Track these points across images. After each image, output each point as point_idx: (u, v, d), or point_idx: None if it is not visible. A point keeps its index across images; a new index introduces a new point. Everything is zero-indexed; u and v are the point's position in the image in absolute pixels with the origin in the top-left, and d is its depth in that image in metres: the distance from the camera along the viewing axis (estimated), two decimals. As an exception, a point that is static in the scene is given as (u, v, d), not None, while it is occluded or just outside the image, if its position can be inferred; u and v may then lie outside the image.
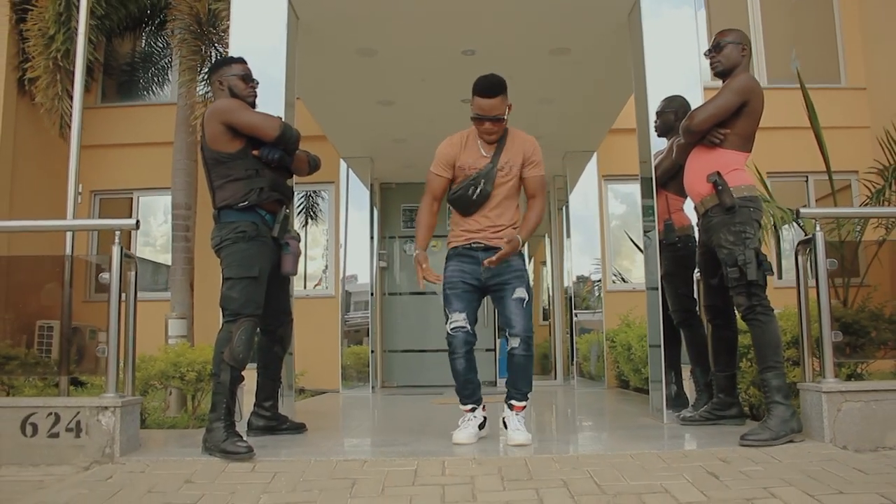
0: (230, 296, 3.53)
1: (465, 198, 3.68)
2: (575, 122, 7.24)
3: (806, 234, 5.42)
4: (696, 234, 4.45)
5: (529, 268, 9.95)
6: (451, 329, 3.61)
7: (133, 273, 3.72)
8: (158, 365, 4.38)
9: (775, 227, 5.60)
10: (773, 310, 3.55)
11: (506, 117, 3.67)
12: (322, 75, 6.09)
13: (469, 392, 3.69)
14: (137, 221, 3.57)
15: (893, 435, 3.29)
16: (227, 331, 3.49)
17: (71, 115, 7.56)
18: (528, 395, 3.70)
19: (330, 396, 7.44)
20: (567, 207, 8.65)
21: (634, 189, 9.36)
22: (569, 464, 3.05)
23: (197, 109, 7.32)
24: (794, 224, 5.87)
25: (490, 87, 3.61)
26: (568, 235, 8.59)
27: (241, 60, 3.92)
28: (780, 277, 8.09)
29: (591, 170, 8.45)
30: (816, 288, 3.55)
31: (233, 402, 3.46)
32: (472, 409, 3.70)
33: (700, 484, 2.69)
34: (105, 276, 3.53)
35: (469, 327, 3.61)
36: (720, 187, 3.63)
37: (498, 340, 8.71)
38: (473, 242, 3.69)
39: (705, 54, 3.91)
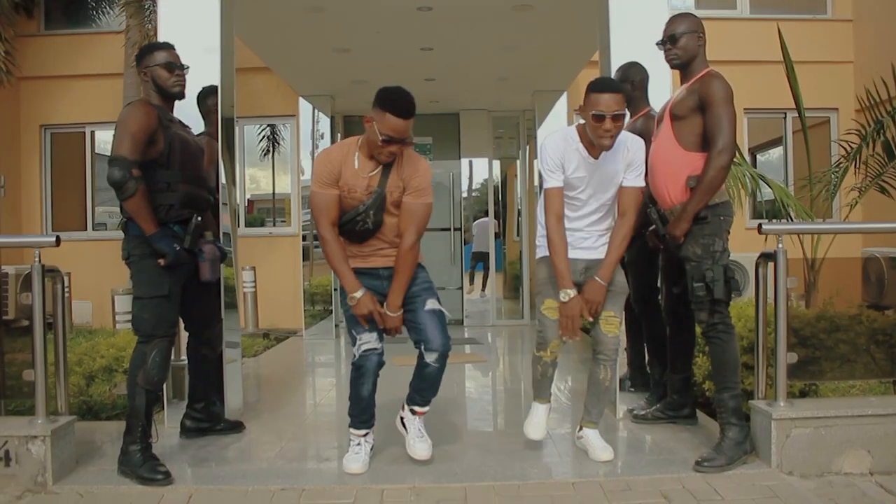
0: (141, 317, 3.34)
1: (354, 232, 3.30)
2: (541, 68, 6.90)
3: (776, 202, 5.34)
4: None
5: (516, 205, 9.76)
6: (363, 351, 3.30)
7: (60, 286, 3.51)
8: (100, 361, 4.23)
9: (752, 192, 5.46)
10: (733, 327, 3.44)
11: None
12: (271, 32, 5.72)
13: (368, 416, 3.42)
14: (57, 237, 3.31)
15: (839, 460, 3.27)
16: (140, 353, 3.32)
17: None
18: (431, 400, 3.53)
19: (292, 348, 7.41)
20: (535, 142, 8.41)
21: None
22: (509, 495, 3.02)
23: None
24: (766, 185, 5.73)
25: (410, 106, 3.15)
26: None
27: (166, 46, 3.57)
28: (760, 233, 7.92)
29: (561, 106, 8.20)
30: (775, 304, 3.42)
31: (149, 424, 3.34)
32: (366, 435, 3.43)
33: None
34: (27, 296, 3.32)
35: (381, 348, 3.34)
36: None
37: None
38: (372, 266, 3.37)
39: (659, 45, 3.60)
